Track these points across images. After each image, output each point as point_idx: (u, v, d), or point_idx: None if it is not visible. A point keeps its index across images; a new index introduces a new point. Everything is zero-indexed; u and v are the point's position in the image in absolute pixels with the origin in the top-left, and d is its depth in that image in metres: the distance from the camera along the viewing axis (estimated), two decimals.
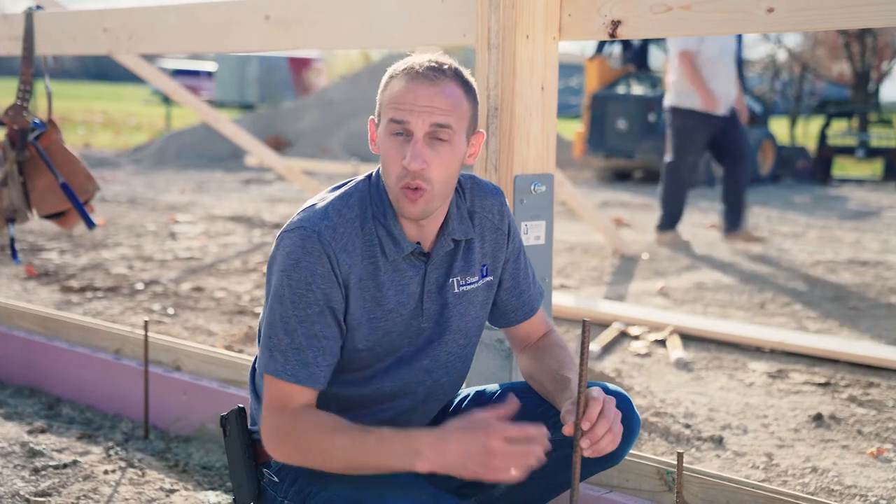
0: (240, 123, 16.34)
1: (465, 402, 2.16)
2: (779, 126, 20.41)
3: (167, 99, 24.12)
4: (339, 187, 1.97)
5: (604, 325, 4.76)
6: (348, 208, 1.91)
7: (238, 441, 2.03)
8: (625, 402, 1.98)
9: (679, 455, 2.15)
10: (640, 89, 13.41)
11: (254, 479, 2.02)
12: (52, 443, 2.95)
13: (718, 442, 3.25)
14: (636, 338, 4.60)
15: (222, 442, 2.36)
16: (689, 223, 8.93)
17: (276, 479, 1.98)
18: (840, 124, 16.65)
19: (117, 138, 20.75)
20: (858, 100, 23.24)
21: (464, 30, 2.67)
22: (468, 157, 1.95)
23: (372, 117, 1.95)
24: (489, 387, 2.18)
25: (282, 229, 1.92)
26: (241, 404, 2.09)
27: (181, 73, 39.60)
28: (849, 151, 15.61)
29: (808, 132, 21.84)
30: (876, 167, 16.39)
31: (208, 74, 40.23)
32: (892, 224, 9.66)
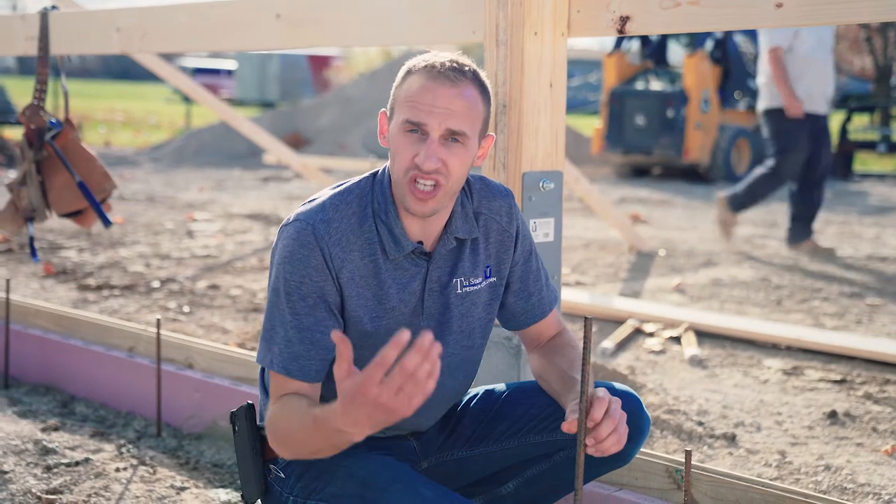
0: (259, 121, 16.39)
1: (474, 402, 2.16)
2: None
3: (187, 98, 24.25)
4: (341, 184, 1.98)
5: (619, 321, 4.74)
6: (346, 204, 1.91)
7: (246, 437, 2.04)
8: (633, 402, 1.97)
9: (687, 453, 2.14)
10: (658, 85, 13.34)
11: (261, 475, 2.03)
12: (65, 440, 2.97)
13: (731, 439, 3.23)
14: (651, 335, 4.58)
15: (233, 439, 2.36)
16: (707, 219, 8.89)
17: (282, 475, 1.99)
18: (861, 119, 16.52)
19: (137, 137, 20.87)
20: (880, 94, 23.07)
21: (473, 27, 2.67)
22: (476, 158, 1.94)
23: (384, 109, 1.93)
24: (497, 386, 2.18)
25: (282, 223, 1.93)
26: (252, 401, 2.10)
27: (201, 71, 39.81)
28: (870, 146, 15.52)
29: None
30: None
31: (229, 73, 40.41)
32: None
